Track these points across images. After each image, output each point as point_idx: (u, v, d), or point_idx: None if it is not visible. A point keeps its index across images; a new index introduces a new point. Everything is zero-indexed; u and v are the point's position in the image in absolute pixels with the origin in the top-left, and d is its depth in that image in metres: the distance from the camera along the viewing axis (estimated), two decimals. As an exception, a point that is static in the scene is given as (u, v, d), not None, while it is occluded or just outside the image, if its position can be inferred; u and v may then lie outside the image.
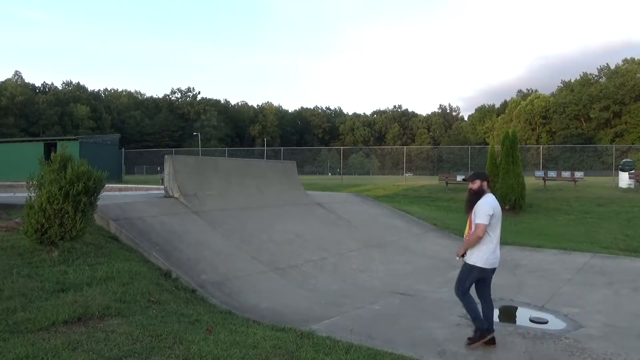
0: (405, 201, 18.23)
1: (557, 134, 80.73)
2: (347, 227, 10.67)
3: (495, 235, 4.61)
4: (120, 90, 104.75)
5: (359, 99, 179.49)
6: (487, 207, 4.53)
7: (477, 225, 4.52)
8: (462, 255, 4.71)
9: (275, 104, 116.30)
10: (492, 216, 4.52)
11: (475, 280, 4.68)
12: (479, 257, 4.56)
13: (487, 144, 53.23)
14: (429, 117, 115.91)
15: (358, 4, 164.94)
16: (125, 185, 19.51)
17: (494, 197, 4.72)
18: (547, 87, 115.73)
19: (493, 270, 4.71)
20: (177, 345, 3.68)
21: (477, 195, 4.69)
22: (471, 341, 4.58)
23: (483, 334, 4.53)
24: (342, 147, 50.47)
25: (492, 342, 4.52)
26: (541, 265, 9.03)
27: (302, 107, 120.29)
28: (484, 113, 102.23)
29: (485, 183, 4.74)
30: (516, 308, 6.38)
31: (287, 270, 7.44)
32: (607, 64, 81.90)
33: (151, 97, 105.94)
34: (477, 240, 4.54)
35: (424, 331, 5.07)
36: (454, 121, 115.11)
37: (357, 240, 9.88)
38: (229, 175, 10.46)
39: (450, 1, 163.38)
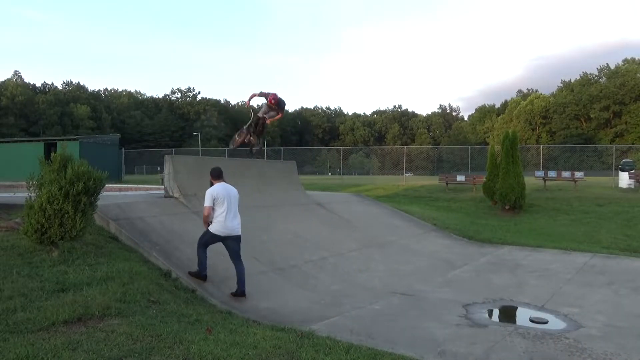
0: (405, 201, 18.23)
1: (557, 134, 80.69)
2: (347, 227, 10.67)
3: (222, 212, 6.02)
4: (120, 90, 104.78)
5: (359, 99, 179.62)
6: (208, 194, 6.05)
7: (203, 207, 6.10)
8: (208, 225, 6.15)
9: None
10: (214, 200, 6.00)
11: (211, 242, 6.15)
12: (212, 226, 6.08)
13: (487, 144, 53.22)
14: (429, 117, 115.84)
15: (358, 4, 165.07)
16: (125, 185, 19.50)
17: (220, 185, 6.18)
18: (547, 87, 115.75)
19: (231, 237, 6.11)
20: (177, 345, 3.68)
21: (211, 185, 6.28)
22: (191, 274, 6.15)
23: (197, 275, 6.13)
24: (342, 147, 50.45)
25: (239, 294, 5.97)
26: (541, 265, 9.03)
27: (302, 107, 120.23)
28: (484, 113, 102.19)
29: (210, 177, 6.33)
30: (516, 308, 6.37)
31: (287, 270, 7.44)
32: (607, 64, 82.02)
33: (151, 97, 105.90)
34: (204, 219, 6.13)
35: (424, 331, 5.07)
36: (454, 121, 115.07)
37: (357, 240, 9.88)
38: (228, 176, 10.43)
39: (450, 1, 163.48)
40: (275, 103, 9.97)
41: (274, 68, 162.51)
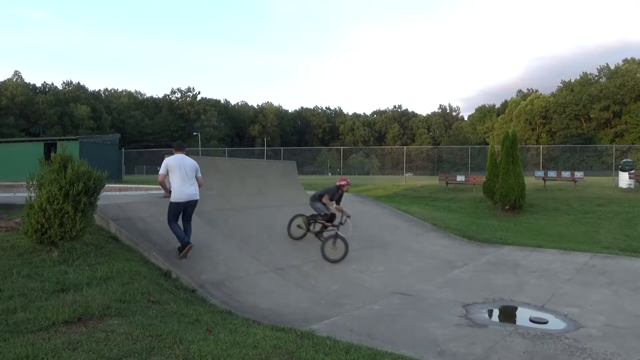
0: (405, 201, 18.23)
1: (557, 134, 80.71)
2: (346, 227, 10.64)
3: (176, 179, 6.61)
4: (120, 90, 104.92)
5: (359, 99, 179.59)
6: (163, 164, 6.72)
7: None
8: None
9: (275, 104, 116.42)
10: (167, 169, 6.65)
11: (177, 212, 6.67)
12: (172, 195, 6.66)
13: (487, 144, 53.16)
14: (429, 117, 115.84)
15: (358, 4, 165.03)
16: (125, 185, 19.49)
17: (176, 156, 6.77)
18: (546, 87, 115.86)
19: (188, 203, 6.74)
20: (177, 345, 3.68)
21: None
22: (180, 252, 6.56)
23: (184, 247, 6.52)
24: (342, 147, 50.44)
25: (190, 249, 6.58)
26: (541, 265, 9.03)
27: (302, 107, 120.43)
28: (484, 113, 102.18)
29: (173, 150, 6.93)
30: (516, 308, 6.37)
31: (287, 270, 7.44)
32: (607, 64, 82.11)
33: (151, 97, 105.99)
34: (160, 184, 6.87)
35: (424, 331, 5.07)
36: (454, 121, 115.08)
37: (357, 240, 9.87)
38: (229, 176, 10.45)
39: (450, 1, 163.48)
40: (347, 186, 9.82)
41: (274, 68, 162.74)
